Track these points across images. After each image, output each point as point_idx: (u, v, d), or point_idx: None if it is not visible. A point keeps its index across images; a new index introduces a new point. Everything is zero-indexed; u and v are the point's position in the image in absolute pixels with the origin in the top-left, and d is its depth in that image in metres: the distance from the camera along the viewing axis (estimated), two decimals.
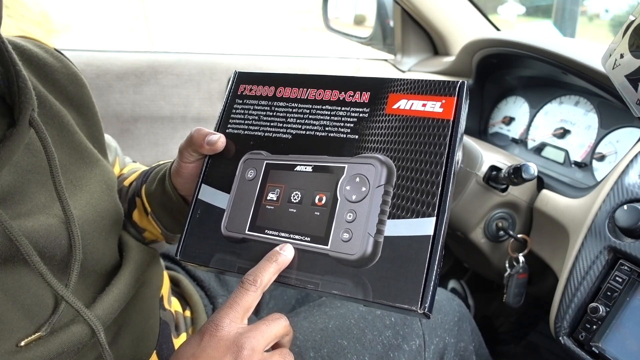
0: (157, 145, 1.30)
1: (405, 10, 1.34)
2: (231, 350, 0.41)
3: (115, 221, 0.57)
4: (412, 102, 0.46)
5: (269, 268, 0.44)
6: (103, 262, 0.54)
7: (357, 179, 0.45)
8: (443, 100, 0.45)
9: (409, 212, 0.42)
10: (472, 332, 0.78)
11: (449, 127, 0.44)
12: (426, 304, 0.40)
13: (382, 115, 0.47)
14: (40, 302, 0.46)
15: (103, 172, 0.57)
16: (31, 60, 0.54)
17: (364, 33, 1.53)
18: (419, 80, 0.47)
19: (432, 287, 0.40)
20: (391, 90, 0.48)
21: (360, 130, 0.47)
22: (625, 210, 0.63)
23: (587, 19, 4.58)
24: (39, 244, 0.45)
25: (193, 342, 0.43)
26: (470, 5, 1.29)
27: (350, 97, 0.49)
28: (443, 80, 0.46)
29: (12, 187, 0.46)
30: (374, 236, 0.43)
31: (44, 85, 0.54)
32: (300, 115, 0.50)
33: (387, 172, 0.44)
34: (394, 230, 0.42)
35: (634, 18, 0.60)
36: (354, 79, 0.50)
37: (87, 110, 0.58)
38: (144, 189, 0.63)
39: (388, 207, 0.43)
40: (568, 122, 0.96)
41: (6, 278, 0.44)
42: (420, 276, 0.40)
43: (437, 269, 0.41)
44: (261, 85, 0.52)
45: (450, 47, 1.34)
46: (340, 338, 0.65)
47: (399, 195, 0.43)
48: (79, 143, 0.55)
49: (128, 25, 4.92)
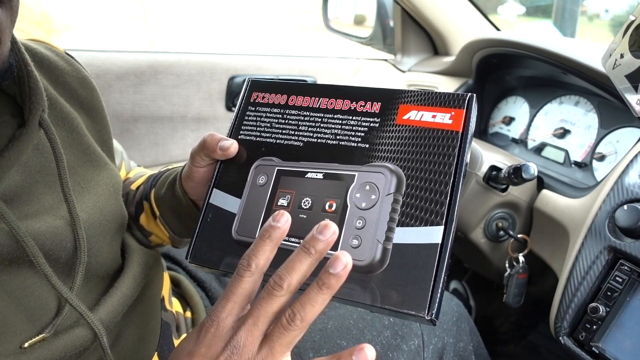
0: (157, 145, 1.30)
1: (405, 10, 1.34)
2: (227, 347, 0.40)
3: (120, 225, 0.57)
4: (422, 114, 0.47)
5: (264, 247, 0.40)
6: (107, 265, 0.54)
7: (367, 186, 0.46)
8: (452, 112, 0.46)
9: (418, 220, 0.43)
10: (471, 332, 0.78)
11: (458, 138, 0.45)
12: (433, 310, 0.41)
13: (393, 126, 0.48)
14: (44, 305, 0.46)
15: (110, 175, 0.57)
16: (42, 62, 0.54)
17: (364, 33, 1.53)
18: (430, 92, 0.48)
19: (439, 294, 0.41)
20: (402, 101, 0.49)
21: (371, 139, 0.48)
22: (625, 210, 0.63)
23: (587, 19, 4.58)
24: (45, 245, 0.45)
25: (190, 339, 0.42)
26: (470, 5, 1.29)
27: (362, 106, 0.50)
28: (453, 93, 0.47)
29: (19, 187, 0.46)
30: (382, 243, 0.43)
31: (55, 87, 0.54)
32: (311, 123, 0.51)
33: (397, 180, 0.45)
34: (402, 238, 0.43)
35: (634, 18, 0.60)
36: (365, 90, 0.51)
37: (97, 114, 0.58)
38: (153, 193, 0.63)
39: (397, 215, 0.44)
40: (568, 122, 0.96)
41: (11, 280, 0.44)
42: (428, 283, 0.41)
43: (445, 276, 0.42)
44: (274, 93, 0.53)
45: (450, 47, 1.34)
46: (339, 338, 0.65)
47: (408, 203, 0.44)
48: (88, 146, 0.55)
49: (128, 25, 4.92)
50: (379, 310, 0.43)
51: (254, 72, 1.32)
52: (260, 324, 0.39)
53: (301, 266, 0.39)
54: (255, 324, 0.39)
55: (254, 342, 0.39)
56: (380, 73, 1.47)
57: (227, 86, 1.30)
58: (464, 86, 1.16)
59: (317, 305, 0.38)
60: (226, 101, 1.32)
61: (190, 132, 1.32)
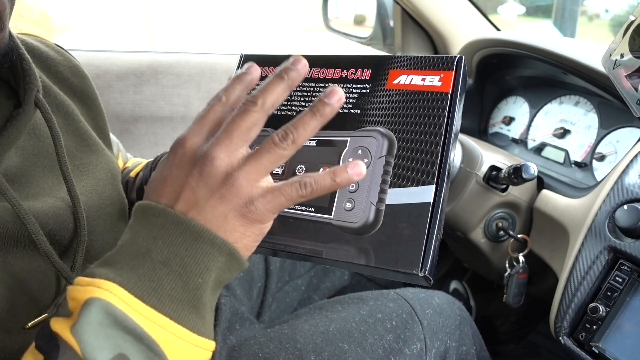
0: (157, 145, 1.30)
1: (405, 10, 1.34)
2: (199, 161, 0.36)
3: (120, 210, 0.57)
4: (412, 77, 0.48)
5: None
6: (108, 249, 0.55)
7: (360, 151, 0.47)
8: (441, 74, 0.47)
9: (410, 181, 0.44)
10: (474, 336, 0.78)
11: (448, 99, 0.46)
12: (426, 267, 0.41)
13: (383, 91, 0.49)
14: (46, 286, 0.47)
15: (108, 160, 0.57)
16: (34, 52, 0.55)
17: (364, 33, 1.53)
18: (418, 56, 0.49)
19: (432, 252, 0.42)
20: (392, 66, 0.49)
21: (362, 105, 0.49)
22: (625, 210, 0.63)
23: (587, 19, 4.58)
24: (48, 226, 0.46)
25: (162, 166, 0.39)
26: (470, 5, 1.29)
27: (353, 74, 0.51)
28: (441, 56, 0.48)
29: (18, 169, 0.47)
30: (376, 204, 0.44)
31: (48, 76, 0.55)
32: (304, 93, 0.51)
33: (388, 143, 0.46)
34: (395, 199, 0.44)
35: (634, 18, 0.60)
36: (356, 57, 0.51)
37: (91, 102, 0.59)
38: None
39: (389, 177, 0.45)
40: (568, 122, 0.96)
41: (15, 261, 0.44)
42: (421, 241, 0.42)
43: (437, 235, 0.42)
44: (266, 66, 0.54)
45: (450, 47, 1.34)
46: (341, 342, 0.65)
47: (400, 165, 0.45)
48: (84, 131, 0.55)
49: (128, 25, 4.92)
50: (374, 270, 0.43)
51: None
52: (234, 139, 0.37)
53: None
54: (229, 137, 0.37)
55: (230, 155, 0.37)
56: None
57: None
58: None
59: (309, 130, 0.37)
60: None
61: None
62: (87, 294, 0.34)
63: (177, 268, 0.35)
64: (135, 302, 0.34)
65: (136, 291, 0.34)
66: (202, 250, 0.36)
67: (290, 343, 0.63)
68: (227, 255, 0.37)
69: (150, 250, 0.36)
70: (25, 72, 0.48)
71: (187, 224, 0.36)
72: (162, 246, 0.36)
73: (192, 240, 0.36)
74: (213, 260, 0.36)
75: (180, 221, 0.36)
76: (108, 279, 0.35)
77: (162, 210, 0.37)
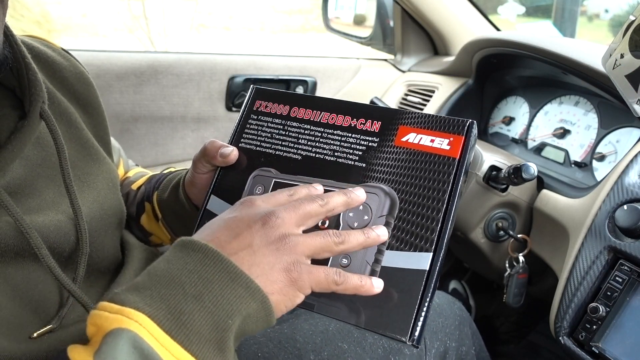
0: (157, 145, 1.30)
1: (405, 10, 1.34)
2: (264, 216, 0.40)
3: (119, 219, 0.58)
4: (421, 137, 0.47)
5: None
6: (108, 259, 0.55)
7: (361, 207, 0.46)
8: (451, 138, 0.46)
9: (408, 245, 0.44)
10: (473, 336, 0.78)
11: (455, 165, 0.45)
12: (415, 335, 0.41)
13: (391, 147, 0.48)
14: (48, 298, 0.47)
15: (109, 170, 0.57)
16: (39, 57, 0.54)
17: (364, 33, 1.53)
18: (430, 115, 0.48)
19: (423, 319, 0.42)
20: (402, 122, 0.49)
21: (368, 159, 0.48)
22: (625, 210, 0.63)
23: (587, 19, 4.57)
24: (49, 239, 0.46)
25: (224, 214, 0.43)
26: (470, 5, 1.29)
27: (362, 124, 0.50)
28: (453, 118, 0.47)
29: (22, 180, 0.46)
30: (371, 265, 0.44)
31: (52, 82, 0.55)
32: (311, 137, 0.51)
33: (390, 203, 0.45)
34: (391, 262, 0.44)
35: (634, 18, 0.60)
36: (367, 107, 0.51)
37: (94, 110, 0.59)
38: (155, 196, 0.63)
39: (388, 238, 0.44)
40: (568, 122, 0.96)
41: (16, 273, 0.44)
42: (412, 309, 0.42)
43: (429, 302, 0.42)
44: (277, 103, 0.53)
45: (450, 47, 1.34)
46: (340, 341, 0.65)
47: (399, 227, 0.45)
48: (86, 140, 0.55)
49: (128, 25, 4.92)
50: (363, 330, 0.43)
51: (254, 72, 1.32)
52: (300, 212, 0.41)
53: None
54: (296, 210, 0.41)
55: (292, 222, 0.41)
56: (380, 73, 1.47)
57: (227, 86, 1.30)
58: (463, 86, 1.16)
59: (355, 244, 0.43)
60: (226, 101, 1.32)
61: (190, 132, 1.32)
62: (114, 324, 0.34)
63: (209, 305, 0.36)
64: (164, 337, 0.34)
65: (165, 324, 0.34)
66: (236, 292, 0.36)
67: (290, 342, 0.64)
68: (260, 302, 0.37)
69: (184, 282, 0.36)
70: (31, 82, 0.47)
71: (226, 263, 0.37)
72: (197, 280, 0.36)
73: (229, 280, 0.37)
74: (245, 304, 0.37)
75: (219, 259, 0.37)
76: (138, 309, 0.34)
77: (204, 246, 0.38)
